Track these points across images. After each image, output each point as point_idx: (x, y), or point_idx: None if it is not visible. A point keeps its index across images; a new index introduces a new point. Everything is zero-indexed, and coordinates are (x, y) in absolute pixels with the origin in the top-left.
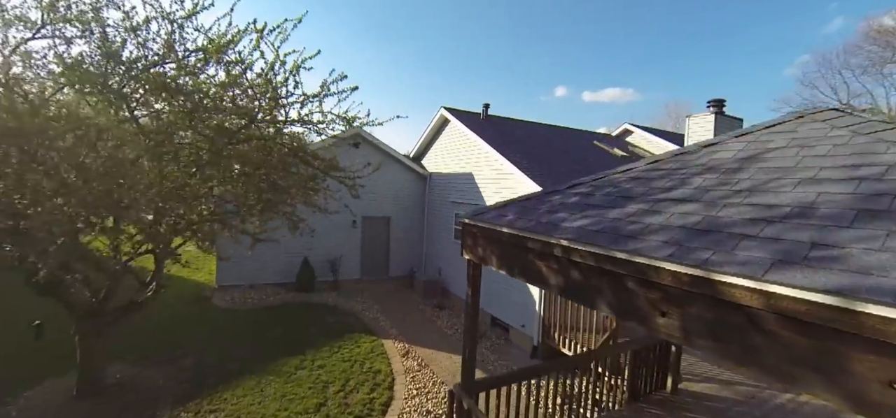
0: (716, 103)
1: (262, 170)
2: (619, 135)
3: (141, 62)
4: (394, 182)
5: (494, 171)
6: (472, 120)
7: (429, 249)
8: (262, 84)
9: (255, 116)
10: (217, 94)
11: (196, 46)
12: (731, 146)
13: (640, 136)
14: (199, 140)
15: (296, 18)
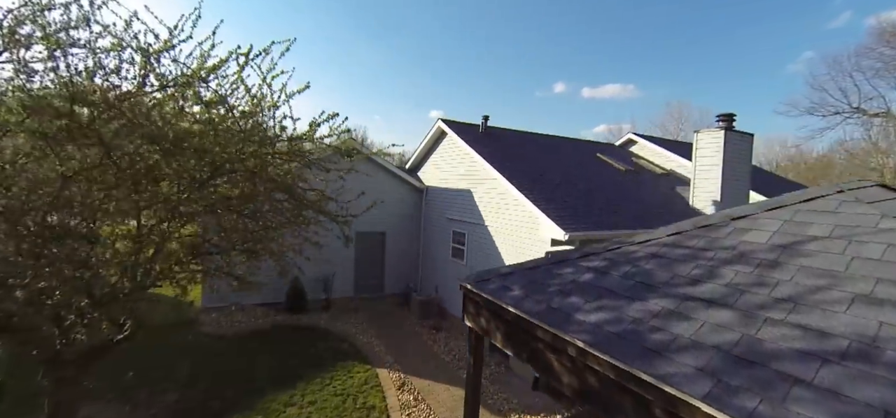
0: (725, 118)
1: (249, 206)
2: (622, 145)
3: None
4: (389, 195)
5: (494, 191)
6: (471, 133)
7: (425, 265)
8: (251, 125)
9: (242, 151)
10: (201, 134)
11: (173, 79)
12: (763, 224)
13: (643, 146)
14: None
15: (283, 46)
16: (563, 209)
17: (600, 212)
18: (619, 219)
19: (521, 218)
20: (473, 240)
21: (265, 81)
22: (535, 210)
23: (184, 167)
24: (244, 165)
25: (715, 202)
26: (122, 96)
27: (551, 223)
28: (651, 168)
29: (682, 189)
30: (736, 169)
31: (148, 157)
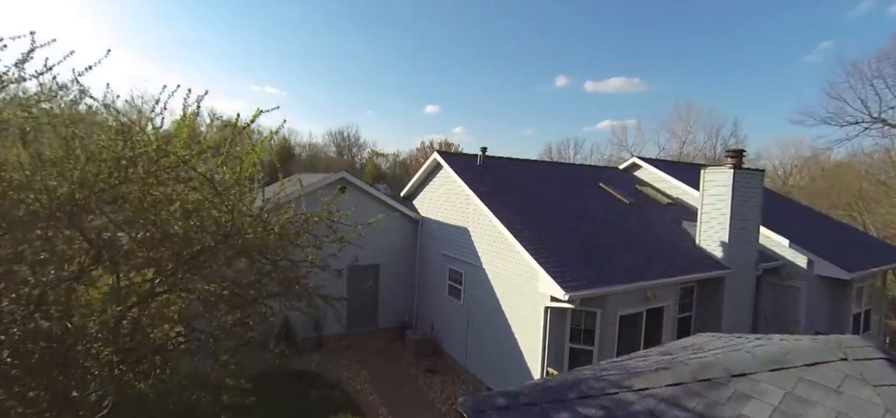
0: (734, 154)
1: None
2: (627, 169)
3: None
4: (383, 227)
5: (490, 232)
6: (467, 166)
7: (421, 299)
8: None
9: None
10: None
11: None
12: (764, 391)
13: (648, 172)
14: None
15: (273, 130)
16: (565, 261)
17: (604, 259)
18: (624, 268)
19: (521, 268)
20: (471, 281)
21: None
22: (535, 264)
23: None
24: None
25: (723, 243)
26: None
27: (551, 280)
28: (656, 197)
29: (688, 224)
30: (745, 208)
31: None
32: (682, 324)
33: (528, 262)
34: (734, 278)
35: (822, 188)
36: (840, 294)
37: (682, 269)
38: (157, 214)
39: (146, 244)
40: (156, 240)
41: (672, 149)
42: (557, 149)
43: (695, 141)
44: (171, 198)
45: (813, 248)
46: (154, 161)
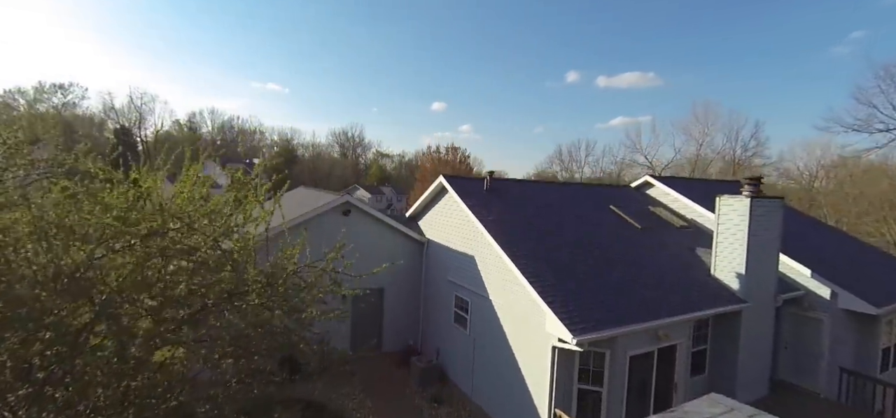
0: (752, 182)
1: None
2: (639, 187)
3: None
4: (388, 250)
5: (497, 264)
6: (473, 191)
7: (426, 323)
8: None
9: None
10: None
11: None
12: None
13: (661, 191)
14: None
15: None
16: (573, 298)
17: (613, 294)
18: (634, 304)
19: (528, 305)
20: (477, 310)
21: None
22: (542, 303)
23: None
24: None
25: (739, 275)
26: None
27: (559, 322)
28: (669, 219)
29: (703, 251)
30: (763, 238)
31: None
32: (696, 358)
33: (535, 300)
34: (751, 312)
35: (851, 194)
36: (867, 328)
37: (695, 305)
38: (160, 276)
39: (151, 310)
40: (158, 306)
41: (689, 152)
42: (568, 151)
43: (713, 143)
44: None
45: (838, 277)
46: (161, 233)
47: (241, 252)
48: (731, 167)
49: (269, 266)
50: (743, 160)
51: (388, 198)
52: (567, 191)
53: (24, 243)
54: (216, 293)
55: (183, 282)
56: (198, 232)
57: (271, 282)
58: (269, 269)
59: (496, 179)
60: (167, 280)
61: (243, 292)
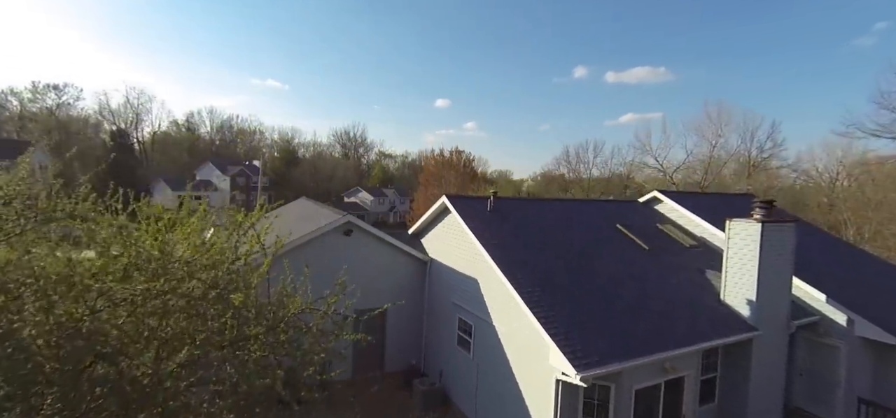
0: (765, 205)
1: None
2: (647, 202)
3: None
4: (390, 269)
5: (500, 290)
6: (476, 213)
7: (429, 344)
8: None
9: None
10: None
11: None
12: None
13: (669, 207)
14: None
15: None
16: (577, 329)
17: (619, 324)
18: (640, 335)
19: (531, 335)
20: (480, 335)
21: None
22: (546, 335)
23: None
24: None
25: (749, 301)
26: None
27: (562, 357)
28: (678, 238)
29: (712, 274)
30: (775, 263)
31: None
32: (705, 387)
33: (539, 331)
34: (763, 340)
35: (873, 200)
36: (887, 356)
37: (703, 335)
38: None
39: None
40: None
41: (701, 153)
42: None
43: (726, 144)
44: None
45: (855, 301)
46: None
47: (243, 302)
48: (746, 169)
49: (270, 307)
50: (758, 162)
51: (391, 201)
52: (573, 209)
53: (28, 301)
54: (216, 345)
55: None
56: (199, 283)
57: (273, 326)
58: (271, 312)
59: (500, 199)
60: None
61: (244, 341)
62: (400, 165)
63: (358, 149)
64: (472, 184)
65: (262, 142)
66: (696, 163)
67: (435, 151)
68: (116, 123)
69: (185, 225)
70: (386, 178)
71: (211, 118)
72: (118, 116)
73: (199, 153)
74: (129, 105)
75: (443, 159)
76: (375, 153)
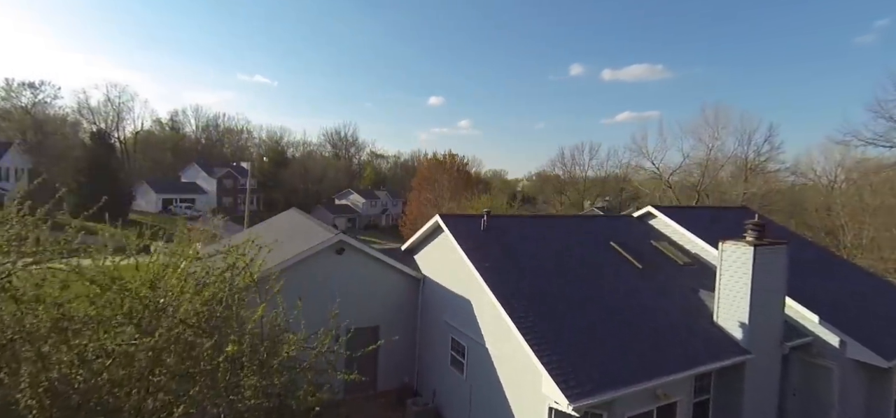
0: (756, 228)
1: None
2: (641, 217)
3: None
4: (383, 286)
5: (493, 314)
6: (470, 232)
7: (423, 362)
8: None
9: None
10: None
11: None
12: None
13: (663, 223)
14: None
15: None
16: (570, 355)
17: (612, 349)
18: (633, 360)
19: (524, 361)
20: (474, 356)
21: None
22: (538, 363)
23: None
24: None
25: (742, 324)
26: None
27: (555, 385)
28: (672, 255)
29: (706, 294)
30: (767, 286)
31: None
32: (698, 409)
33: (531, 358)
34: (756, 362)
35: (871, 205)
36: (879, 379)
37: (696, 359)
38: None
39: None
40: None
41: (698, 155)
42: (571, 153)
43: (723, 147)
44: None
45: (848, 322)
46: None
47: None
48: (743, 172)
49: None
50: (756, 165)
51: (383, 203)
52: (568, 226)
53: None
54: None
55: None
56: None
57: (266, 364)
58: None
59: (494, 217)
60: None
61: (238, 387)
62: (392, 166)
63: (349, 149)
64: (465, 190)
65: (249, 142)
66: (692, 165)
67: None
68: (96, 122)
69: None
70: (378, 180)
71: (196, 117)
72: (98, 115)
73: (184, 153)
74: (109, 103)
75: (436, 162)
76: (367, 153)
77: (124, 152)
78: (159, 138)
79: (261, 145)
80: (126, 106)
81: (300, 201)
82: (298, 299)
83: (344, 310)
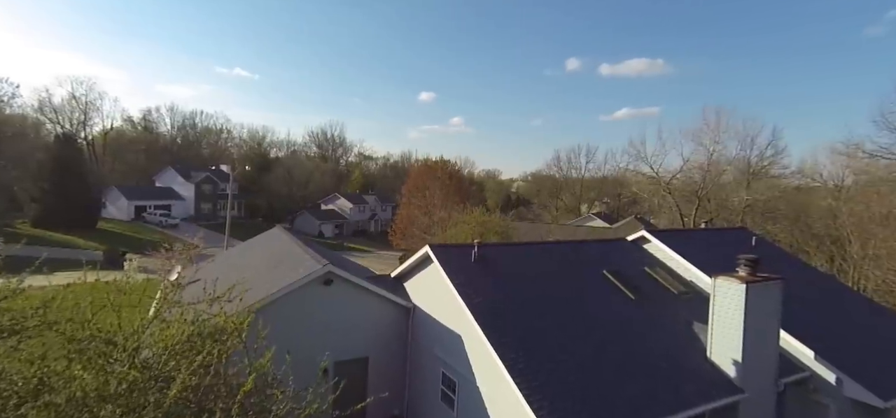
0: (750, 263)
1: None
2: (635, 241)
3: None
4: (372, 316)
5: (483, 353)
6: (461, 266)
7: (413, 393)
8: None
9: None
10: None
11: None
12: None
13: (658, 248)
14: None
15: None
16: (560, 398)
17: (602, 389)
18: (624, 403)
19: (514, 405)
20: (464, 393)
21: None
22: (529, 410)
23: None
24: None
25: (735, 362)
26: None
27: None
28: (666, 284)
29: (700, 327)
30: (760, 322)
31: None
32: None
33: (522, 404)
34: (750, 402)
35: (878, 215)
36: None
37: (688, 402)
38: None
39: None
40: None
41: (699, 159)
42: (567, 156)
43: (726, 151)
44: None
45: (846, 358)
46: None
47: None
48: (746, 176)
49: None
50: (759, 169)
51: (372, 208)
52: (563, 252)
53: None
54: None
55: None
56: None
57: None
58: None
59: (484, 245)
60: None
61: None
62: (382, 167)
63: (336, 151)
64: (458, 197)
65: (230, 142)
66: (693, 169)
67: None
68: (61, 122)
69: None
70: (366, 183)
71: (171, 115)
72: (62, 114)
73: (159, 155)
74: (75, 101)
75: (427, 167)
76: (355, 154)
77: (93, 154)
78: (131, 138)
79: (242, 145)
80: (93, 105)
81: (285, 206)
82: (287, 353)
83: (332, 342)
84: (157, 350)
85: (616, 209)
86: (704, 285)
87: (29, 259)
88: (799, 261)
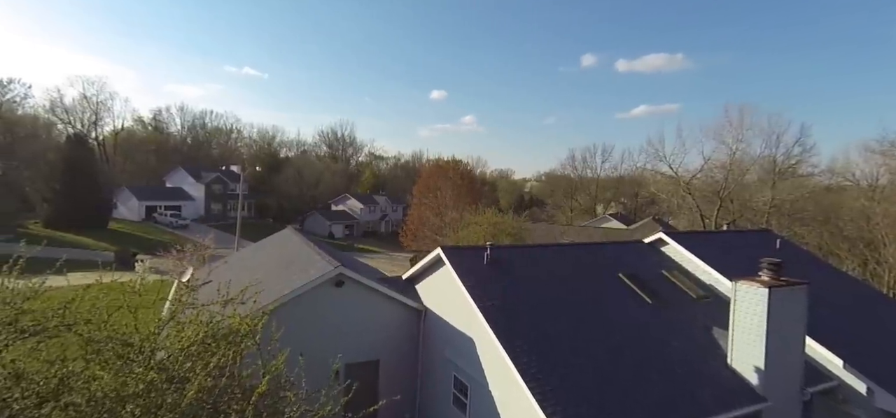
0: (773, 268)
1: None
2: (652, 244)
3: None
4: (383, 318)
5: (496, 357)
6: (473, 267)
7: (425, 397)
8: None
9: None
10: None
11: None
12: None
13: (675, 250)
14: None
15: None
16: (574, 404)
17: (618, 398)
18: (640, 413)
19: (527, 410)
20: (477, 398)
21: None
22: (541, 414)
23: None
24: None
25: (758, 369)
26: None
27: None
28: (684, 287)
29: (720, 332)
30: (784, 328)
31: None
32: None
33: (535, 409)
34: (773, 412)
35: None
36: None
37: (707, 409)
38: None
39: None
40: None
41: (721, 158)
42: (582, 156)
43: (750, 149)
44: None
45: (878, 366)
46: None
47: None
48: (772, 176)
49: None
50: (785, 168)
51: (383, 209)
52: (578, 254)
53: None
54: None
55: None
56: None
57: None
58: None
59: (497, 247)
60: None
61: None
62: (392, 167)
63: (346, 150)
64: (470, 198)
65: (240, 142)
66: (714, 168)
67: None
68: (72, 122)
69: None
70: (377, 183)
71: (181, 116)
72: (73, 114)
73: (169, 155)
74: (86, 101)
75: (438, 167)
76: (365, 154)
77: (103, 154)
78: (141, 138)
79: (252, 145)
80: (104, 105)
81: (295, 207)
82: (300, 355)
83: (343, 344)
84: (173, 351)
85: (633, 210)
86: (724, 289)
87: (42, 260)
88: (828, 265)
